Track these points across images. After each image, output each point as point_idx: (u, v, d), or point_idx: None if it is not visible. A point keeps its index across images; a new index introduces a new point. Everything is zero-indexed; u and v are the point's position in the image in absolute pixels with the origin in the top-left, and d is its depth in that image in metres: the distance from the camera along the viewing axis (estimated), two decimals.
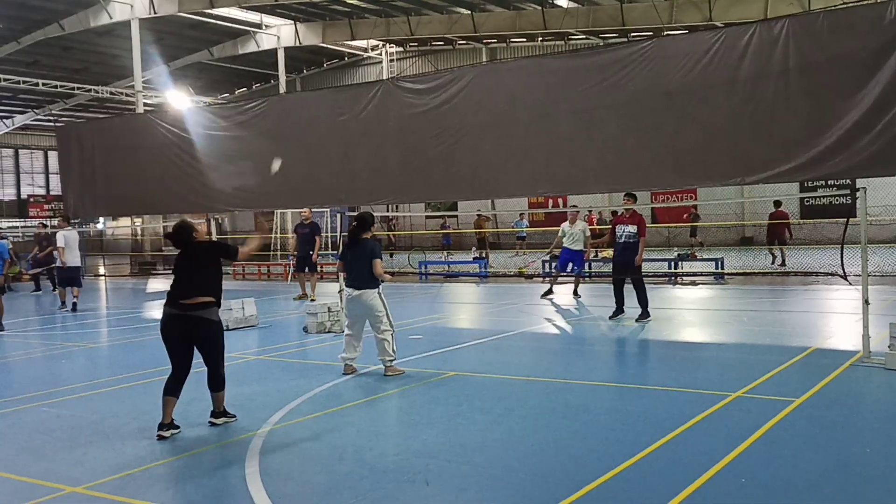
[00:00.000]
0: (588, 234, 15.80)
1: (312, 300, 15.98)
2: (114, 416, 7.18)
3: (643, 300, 12.10)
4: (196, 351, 6.67)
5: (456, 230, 35.26)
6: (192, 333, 6.57)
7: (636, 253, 11.98)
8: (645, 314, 12.03)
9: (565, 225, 15.61)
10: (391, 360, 8.57)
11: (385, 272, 8.67)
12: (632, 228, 12.01)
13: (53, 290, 21.66)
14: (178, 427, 6.52)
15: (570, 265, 15.79)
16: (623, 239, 12.10)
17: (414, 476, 5.26)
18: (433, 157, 12.05)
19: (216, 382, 6.74)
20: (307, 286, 17.23)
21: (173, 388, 6.55)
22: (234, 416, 6.84)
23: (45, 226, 25.68)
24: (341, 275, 9.41)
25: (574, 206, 15.57)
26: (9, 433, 6.73)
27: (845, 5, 9.93)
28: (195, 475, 5.48)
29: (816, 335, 10.87)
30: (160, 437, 6.32)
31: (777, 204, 22.47)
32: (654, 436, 5.89)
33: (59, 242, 16.51)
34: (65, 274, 16.71)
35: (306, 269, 17.21)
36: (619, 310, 12.29)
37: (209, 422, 6.68)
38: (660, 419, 6.44)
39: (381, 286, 8.57)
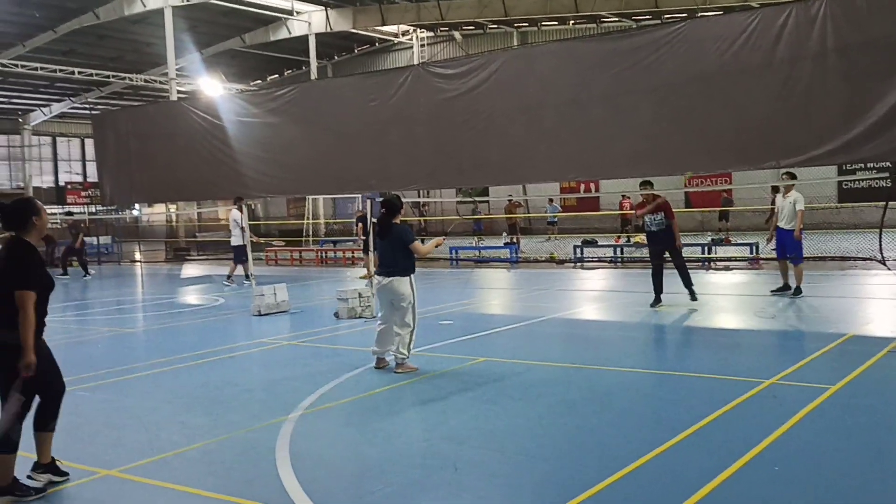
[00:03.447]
0: (801, 207, 12.42)
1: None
2: (149, 401, 7.29)
3: (688, 282, 11.96)
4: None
5: (487, 215, 35.19)
6: None
7: (669, 239, 11.83)
8: (694, 294, 11.91)
9: (778, 198, 12.97)
10: (404, 358, 8.15)
11: (428, 246, 8.58)
12: (658, 216, 11.82)
13: (84, 275, 22.10)
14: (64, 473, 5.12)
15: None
16: (653, 227, 11.94)
17: (443, 462, 5.27)
18: (464, 143, 12.02)
19: (43, 418, 5.08)
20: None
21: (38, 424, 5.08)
22: (65, 475, 5.12)
23: (70, 214, 25.90)
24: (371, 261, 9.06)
25: (791, 175, 12.47)
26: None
27: None
28: (228, 459, 5.54)
29: (853, 321, 10.68)
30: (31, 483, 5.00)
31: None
32: (686, 422, 5.84)
33: (241, 222, 17.17)
34: (239, 250, 17.47)
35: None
36: (658, 298, 12.00)
37: (27, 476, 5.00)
38: (692, 406, 6.39)
39: (414, 274, 8.24)
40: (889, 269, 9.53)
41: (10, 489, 4.84)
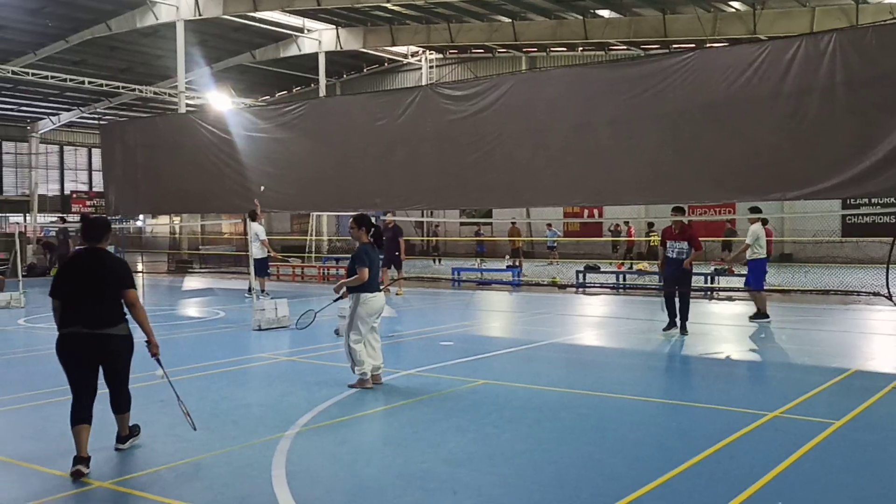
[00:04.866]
0: (748, 241, 13.15)
1: (399, 294, 17.89)
2: (144, 413, 7.21)
3: (686, 314, 11.76)
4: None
5: (490, 238, 35.16)
6: (99, 353, 5.77)
7: (689, 268, 11.66)
8: (685, 328, 11.73)
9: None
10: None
11: None
12: (683, 245, 11.47)
13: None
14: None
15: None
16: (674, 255, 11.58)
17: (441, 484, 5.21)
18: (469, 164, 12.06)
19: (118, 403, 5.96)
20: (392, 282, 18.25)
21: (85, 415, 5.68)
22: (138, 433, 6.12)
23: (64, 220, 25.59)
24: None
25: (753, 209, 13.39)
26: (41, 427, 6.82)
27: (895, 20, 9.74)
28: (223, 475, 5.47)
29: (857, 356, 10.61)
30: (77, 474, 5.32)
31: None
32: (688, 453, 5.77)
33: (261, 235, 16.63)
34: (261, 264, 16.88)
35: (391, 267, 17.90)
36: (672, 323, 11.78)
37: (116, 447, 5.96)
38: (694, 436, 6.32)
39: None
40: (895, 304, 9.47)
41: (133, 433, 6.07)
